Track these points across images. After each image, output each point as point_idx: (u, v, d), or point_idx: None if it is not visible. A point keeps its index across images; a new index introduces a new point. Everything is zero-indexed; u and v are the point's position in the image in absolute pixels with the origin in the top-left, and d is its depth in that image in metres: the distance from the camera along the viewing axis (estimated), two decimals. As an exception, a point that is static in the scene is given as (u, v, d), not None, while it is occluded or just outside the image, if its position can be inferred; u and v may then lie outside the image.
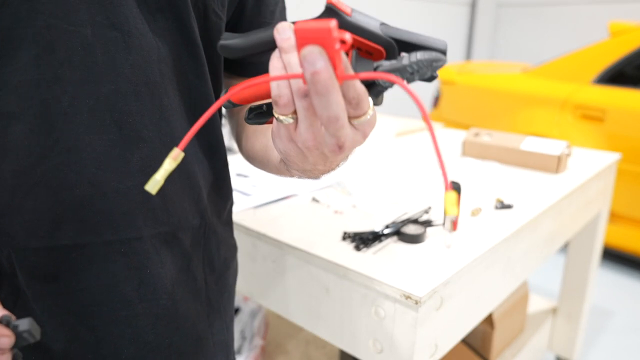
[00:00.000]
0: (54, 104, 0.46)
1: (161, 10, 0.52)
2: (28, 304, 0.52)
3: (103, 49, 0.48)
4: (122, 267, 0.53)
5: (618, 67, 2.51)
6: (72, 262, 0.51)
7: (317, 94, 0.34)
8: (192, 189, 0.59)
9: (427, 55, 0.34)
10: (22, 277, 0.51)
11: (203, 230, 0.62)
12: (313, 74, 0.33)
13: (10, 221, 0.49)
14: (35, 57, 0.45)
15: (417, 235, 0.87)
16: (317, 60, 0.33)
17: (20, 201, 0.48)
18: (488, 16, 5.30)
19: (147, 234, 0.54)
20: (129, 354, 0.56)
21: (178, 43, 0.54)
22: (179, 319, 0.59)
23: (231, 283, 0.69)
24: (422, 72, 0.35)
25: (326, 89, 0.33)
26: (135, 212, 0.52)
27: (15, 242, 0.49)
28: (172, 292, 0.57)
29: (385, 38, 0.35)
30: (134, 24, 0.49)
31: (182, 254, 0.59)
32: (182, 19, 0.53)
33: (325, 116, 0.35)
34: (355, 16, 0.35)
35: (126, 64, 0.49)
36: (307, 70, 0.33)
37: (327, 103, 0.34)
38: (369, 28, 0.35)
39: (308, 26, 0.31)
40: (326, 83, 0.33)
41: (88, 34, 0.47)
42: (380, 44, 0.35)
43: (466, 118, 2.98)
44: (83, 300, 0.53)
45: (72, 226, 0.50)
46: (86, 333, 0.54)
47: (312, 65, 0.33)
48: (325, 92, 0.34)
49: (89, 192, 0.50)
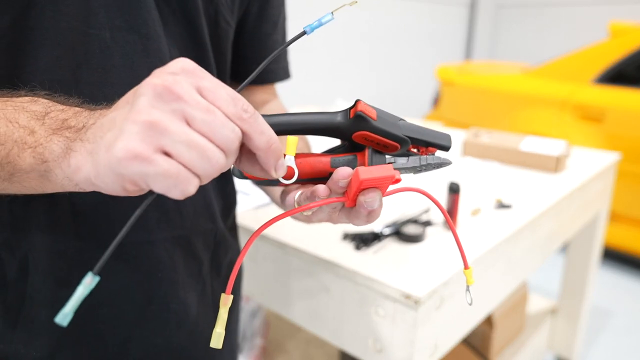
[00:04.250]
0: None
1: (174, 14, 0.52)
2: (34, 310, 0.51)
3: (121, 52, 0.48)
4: (132, 270, 0.53)
5: (618, 67, 2.51)
6: (84, 264, 0.51)
7: (368, 219, 0.40)
8: (203, 193, 0.59)
9: (436, 160, 0.41)
10: (34, 281, 0.50)
11: (214, 234, 0.62)
12: (370, 212, 0.38)
13: (29, 224, 0.49)
14: (57, 59, 0.45)
15: (417, 235, 0.87)
16: (376, 202, 0.38)
17: (37, 205, 0.49)
18: (488, 17, 5.30)
19: (160, 237, 0.54)
20: (137, 356, 0.56)
21: (188, 47, 0.54)
22: (189, 324, 0.59)
23: (235, 288, 0.70)
24: (429, 170, 0.41)
25: (376, 217, 0.39)
26: (149, 215, 0.53)
27: (33, 244, 0.49)
28: (184, 296, 0.57)
29: (402, 137, 0.39)
30: (153, 26, 0.49)
31: (194, 259, 0.59)
32: (193, 24, 0.53)
33: (368, 221, 0.40)
34: (380, 120, 0.39)
35: (144, 67, 0.49)
36: (364, 209, 0.38)
37: (374, 219, 0.40)
38: (392, 131, 0.39)
39: (373, 175, 0.36)
40: (378, 214, 0.39)
41: (107, 37, 0.47)
42: (397, 141, 0.40)
43: (466, 118, 2.98)
44: (92, 303, 0.53)
45: (86, 228, 0.50)
46: (94, 336, 0.54)
47: (371, 206, 0.38)
48: (374, 219, 0.39)
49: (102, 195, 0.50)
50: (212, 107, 0.31)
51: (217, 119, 0.31)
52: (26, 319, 0.51)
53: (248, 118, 0.32)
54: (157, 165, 0.29)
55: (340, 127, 0.39)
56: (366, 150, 0.40)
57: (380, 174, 0.36)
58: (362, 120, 0.38)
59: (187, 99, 0.30)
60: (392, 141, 0.39)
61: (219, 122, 0.31)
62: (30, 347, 0.52)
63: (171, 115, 0.30)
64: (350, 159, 0.40)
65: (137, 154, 0.29)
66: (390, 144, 0.39)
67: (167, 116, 0.30)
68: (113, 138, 0.30)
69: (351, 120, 0.39)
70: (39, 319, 0.51)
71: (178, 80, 0.30)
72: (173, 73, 0.31)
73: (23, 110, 0.35)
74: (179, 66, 0.31)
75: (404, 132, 0.40)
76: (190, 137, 0.30)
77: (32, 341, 0.52)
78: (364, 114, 0.38)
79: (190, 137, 0.30)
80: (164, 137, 0.29)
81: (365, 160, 0.40)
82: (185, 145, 0.30)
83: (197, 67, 0.32)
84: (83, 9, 0.45)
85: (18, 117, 0.35)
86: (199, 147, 0.30)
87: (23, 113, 0.35)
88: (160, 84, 0.30)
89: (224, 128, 0.31)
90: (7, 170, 0.35)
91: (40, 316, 0.51)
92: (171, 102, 0.30)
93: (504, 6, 5.31)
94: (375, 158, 0.40)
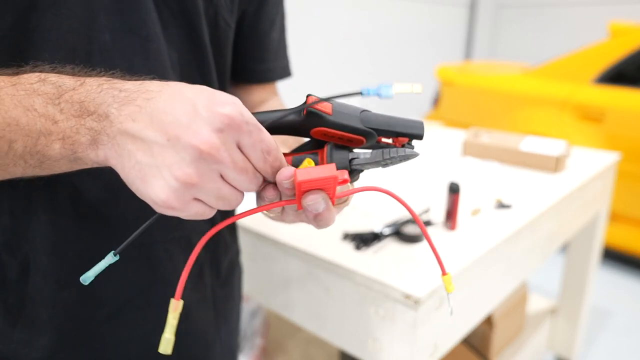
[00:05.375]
0: None
1: (174, 17, 0.52)
2: (35, 311, 0.51)
3: (121, 53, 0.48)
4: (132, 270, 0.53)
5: (618, 67, 2.51)
6: (84, 265, 0.51)
7: (317, 224, 0.38)
8: None
9: (401, 152, 0.38)
10: (35, 282, 0.50)
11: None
12: (316, 216, 0.37)
13: (29, 225, 0.49)
14: (58, 60, 0.45)
15: (417, 235, 0.87)
16: (320, 205, 0.36)
17: (38, 206, 0.49)
18: (488, 17, 5.30)
19: (160, 238, 0.54)
20: (137, 357, 0.56)
21: (188, 49, 0.54)
22: (189, 325, 0.59)
23: (235, 288, 0.69)
24: (395, 162, 0.38)
25: (326, 221, 0.38)
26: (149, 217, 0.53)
27: (34, 244, 0.49)
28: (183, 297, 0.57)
29: (364, 129, 0.37)
30: (152, 28, 0.49)
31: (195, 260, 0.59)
32: (193, 26, 0.53)
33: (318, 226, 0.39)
34: (336, 113, 0.37)
35: (144, 69, 0.49)
36: (309, 213, 0.37)
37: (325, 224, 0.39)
38: (350, 124, 0.37)
39: (311, 176, 0.34)
40: (327, 219, 0.37)
41: (107, 39, 0.47)
42: (360, 134, 0.37)
43: (466, 118, 2.98)
44: (92, 305, 0.52)
45: (86, 231, 0.50)
46: (94, 336, 0.54)
47: (315, 209, 0.37)
48: (325, 224, 0.38)
49: (103, 197, 0.50)
50: (245, 165, 0.34)
51: (248, 178, 0.35)
52: (27, 320, 0.51)
53: (273, 171, 0.36)
54: (188, 211, 0.34)
55: (295, 124, 0.37)
56: (325, 147, 0.38)
57: (319, 175, 0.34)
58: (315, 116, 0.36)
59: (227, 162, 0.33)
60: (354, 135, 0.37)
61: (248, 180, 0.35)
62: (30, 347, 0.52)
63: (209, 174, 0.33)
64: (311, 156, 0.39)
65: (173, 207, 0.33)
66: (354, 137, 0.37)
67: (206, 175, 0.33)
68: (149, 175, 0.33)
69: (304, 117, 0.37)
70: (39, 320, 0.51)
71: (223, 141, 0.33)
72: (219, 130, 0.32)
73: (35, 94, 0.35)
74: (226, 119, 0.32)
75: (367, 124, 0.37)
76: (221, 192, 0.34)
77: (33, 342, 0.52)
78: (316, 109, 0.36)
79: (221, 192, 0.34)
80: (199, 192, 0.33)
81: (324, 157, 0.38)
82: (215, 197, 0.34)
83: (243, 119, 0.33)
84: (84, 11, 0.45)
85: (33, 102, 0.35)
86: (226, 198, 0.35)
87: (36, 97, 0.35)
88: (206, 150, 0.32)
89: (251, 184, 0.35)
90: (37, 159, 0.36)
91: (41, 317, 0.51)
92: (212, 164, 0.33)
93: (504, 6, 5.31)
94: (335, 154, 0.38)
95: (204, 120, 0.32)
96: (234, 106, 0.33)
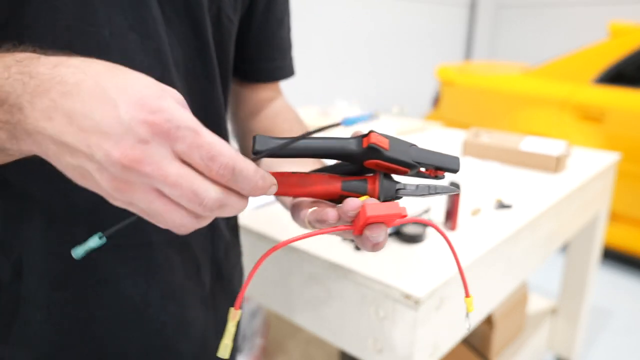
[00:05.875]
0: None
1: (177, 13, 0.51)
2: (30, 312, 0.51)
3: (120, 50, 0.47)
4: (130, 272, 0.53)
5: (618, 67, 2.51)
6: (80, 266, 0.50)
7: (373, 250, 0.39)
8: None
9: (444, 189, 0.43)
10: (29, 283, 0.50)
11: (211, 235, 0.62)
12: (374, 245, 0.38)
13: (23, 226, 0.49)
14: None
15: (417, 235, 0.87)
16: (381, 237, 0.38)
17: (31, 206, 0.48)
18: (488, 17, 5.30)
19: (156, 239, 0.54)
20: (135, 357, 0.56)
21: (191, 46, 0.53)
22: (186, 325, 0.59)
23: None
24: (437, 195, 0.43)
25: (381, 248, 0.39)
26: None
27: (28, 245, 0.49)
28: (181, 298, 0.57)
29: (413, 164, 0.41)
30: (153, 25, 0.48)
31: (191, 260, 0.59)
32: (197, 23, 0.53)
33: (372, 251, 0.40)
34: (392, 149, 0.40)
35: (143, 67, 0.48)
36: (368, 242, 0.38)
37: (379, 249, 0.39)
38: (403, 159, 0.41)
39: (380, 212, 0.37)
40: (382, 246, 0.39)
41: (106, 35, 0.46)
42: (407, 167, 0.41)
43: (466, 118, 2.98)
44: (89, 305, 0.52)
45: (81, 230, 0.50)
46: (91, 338, 0.53)
47: (375, 240, 0.38)
48: (379, 249, 0.39)
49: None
50: (178, 180, 0.29)
51: (183, 192, 0.30)
52: (21, 321, 0.51)
53: (226, 181, 0.31)
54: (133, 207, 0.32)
55: (353, 155, 0.41)
56: (377, 176, 0.42)
57: (387, 212, 0.38)
58: (375, 151, 0.40)
59: (156, 176, 0.29)
60: (403, 167, 0.41)
61: (185, 196, 0.30)
62: (26, 349, 0.51)
63: (140, 187, 0.30)
64: (361, 183, 0.42)
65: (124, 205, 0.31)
66: (400, 169, 0.41)
67: (136, 186, 0.30)
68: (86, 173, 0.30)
69: (364, 150, 0.40)
70: (34, 321, 0.51)
71: (149, 154, 0.29)
72: (144, 142, 0.28)
73: None
74: (150, 128, 0.28)
75: (415, 158, 0.41)
76: (152, 207, 0.30)
77: (28, 343, 0.51)
78: (378, 145, 0.39)
79: (152, 208, 0.31)
80: (131, 205, 0.31)
81: (376, 186, 0.41)
82: (148, 214, 0.31)
83: (171, 124, 0.29)
84: (81, 6, 0.44)
85: None
86: (160, 214, 0.31)
87: None
88: (128, 165, 0.28)
89: (190, 202, 0.30)
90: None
91: (35, 318, 0.51)
92: (140, 177, 0.29)
93: (504, 6, 5.31)
94: (385, 184, 0.41)
95: (126, 130, 0.28)
96: (160, 113, 0.29)
